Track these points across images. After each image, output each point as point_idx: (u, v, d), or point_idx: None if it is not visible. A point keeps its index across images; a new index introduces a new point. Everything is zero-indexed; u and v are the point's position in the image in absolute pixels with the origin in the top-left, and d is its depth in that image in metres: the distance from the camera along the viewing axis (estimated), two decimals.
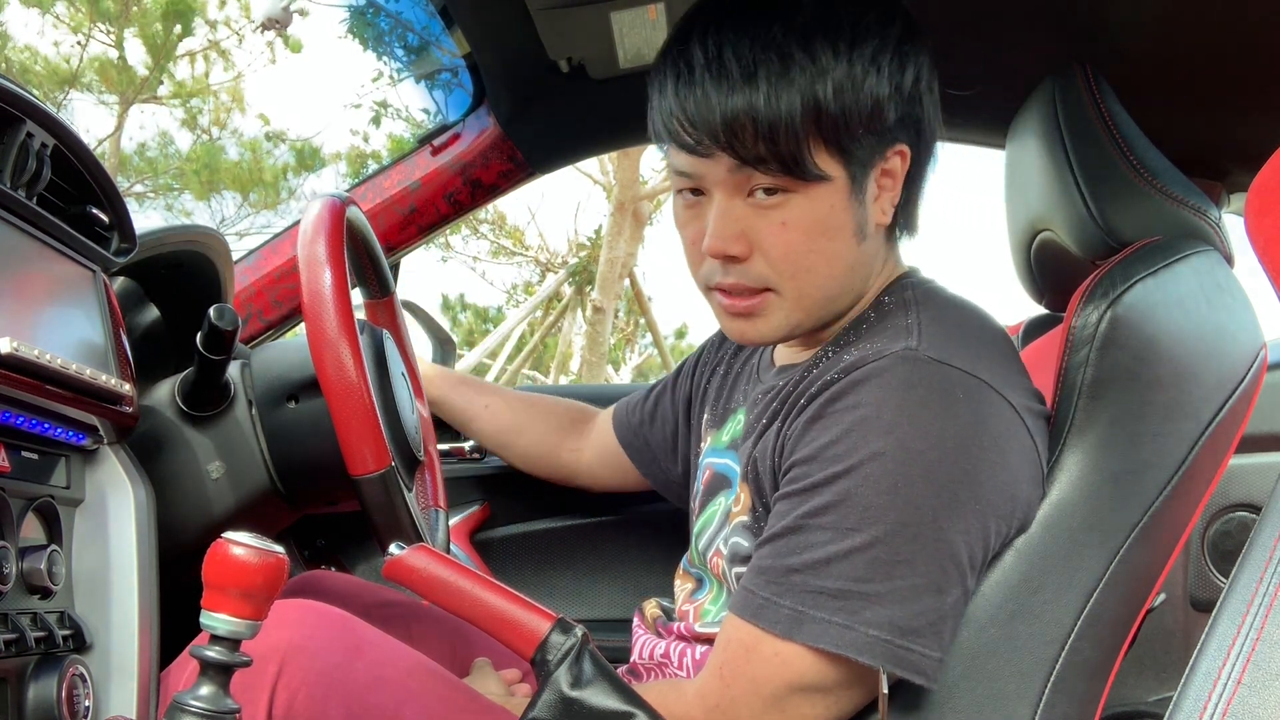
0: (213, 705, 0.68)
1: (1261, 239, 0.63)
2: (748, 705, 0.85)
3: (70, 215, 0.99)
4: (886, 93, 0.87)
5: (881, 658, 0.81)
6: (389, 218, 1.63)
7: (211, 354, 1.05)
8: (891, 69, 0.87)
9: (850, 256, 0.91)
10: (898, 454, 0.82)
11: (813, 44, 0.85)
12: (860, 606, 0.81)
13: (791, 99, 0.84)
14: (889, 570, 0.81)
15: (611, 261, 7.68)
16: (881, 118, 0.87)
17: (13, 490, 0.86)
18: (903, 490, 0.81)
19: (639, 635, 1.09)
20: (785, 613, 0.83)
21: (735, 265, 0.90)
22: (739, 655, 0.86)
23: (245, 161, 10.06)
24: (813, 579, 0.83)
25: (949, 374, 0.85)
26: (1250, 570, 0.62)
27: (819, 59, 0.84)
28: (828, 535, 0.82)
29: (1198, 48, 1.10)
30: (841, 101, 0.85)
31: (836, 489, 0.83)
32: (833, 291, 0.92)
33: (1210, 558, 1.63)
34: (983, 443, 0.84)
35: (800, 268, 0.89)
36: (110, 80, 9.52)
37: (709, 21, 0.88)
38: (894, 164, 0.91)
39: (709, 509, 1.04)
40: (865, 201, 0.90)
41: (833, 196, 0.88)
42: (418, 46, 1.77)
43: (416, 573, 0.80)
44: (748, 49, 0.85)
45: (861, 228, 0.91)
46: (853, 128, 0.86)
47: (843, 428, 0.84)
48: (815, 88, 0.84)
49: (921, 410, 0.83)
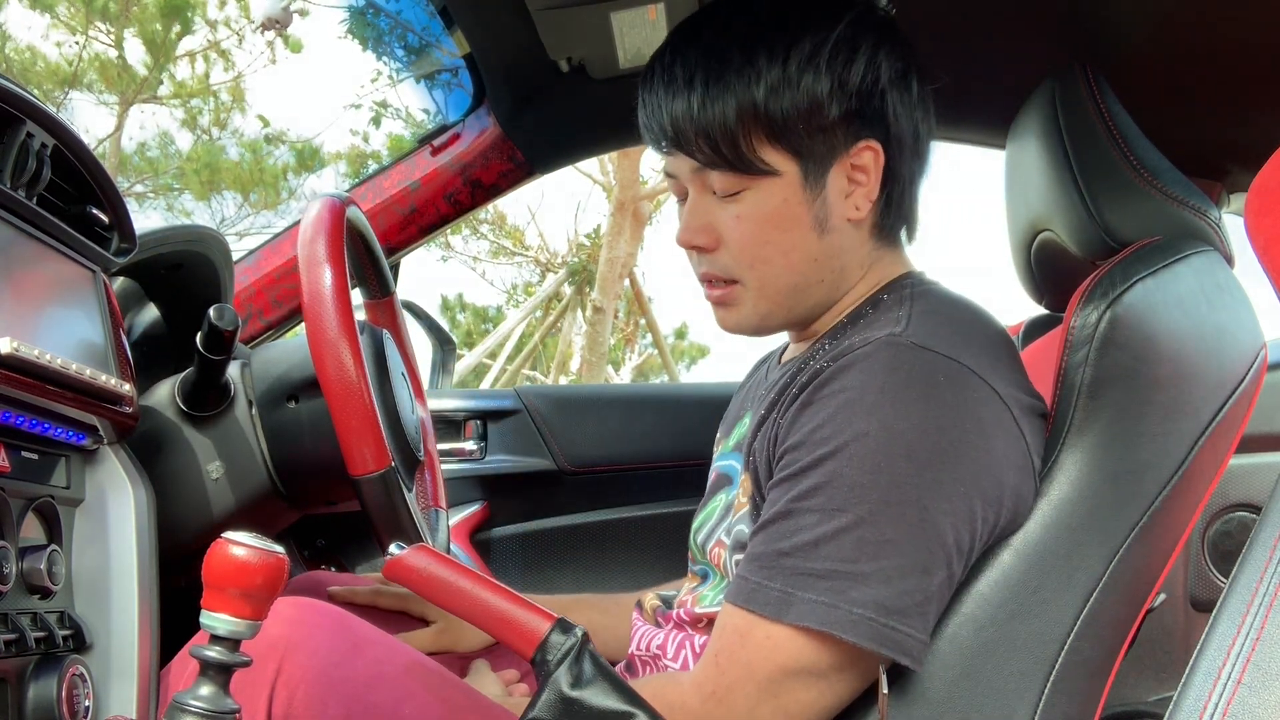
0: (213, 705, 0.68)
1: (1261, 239, 0.63)
2: (743, 691, 0.86)
3: (70, 215, 0.99)
4: (826, 90, 0.91)
5: (867, 637, 0.82)
6: (389, 218, 1.63)
7: (211, 354, 1.05)
8: (834, 66, 0.91)
9: (809, 248, 0.95)
10: (880, 434, 0.84)
11: (752, 48, 0.91)
12: (847, 586, 0.82)
13: (726, 102, 0.91)
14: (875, 550, 0.83)
15: (611, 261, 7.69)
16: (822, 114, 0.92)
17: (13, 490, 0.86)
18: (885, 470, 0.83)
19: (638, 627, 1.09)
20: (775, 595, 0.85)
21: (705, 256, 0.98)
22: (733, 641, 0.87)
23: (245, 161, 10.07)
24: (802, 561, 0.84)
25: (931, 358, 0.87)
26: (1250, 570, 0.62)
27: (756, 62, 0.91)
28: (816, 517, 0.84)
29: (1198, 48, 1.10)
30: (779, 101, 0.91)
31: (823, 470, 0.85)
32: (795, 281, 0.96)
33: (1210, 558, 1.63)
34: (965, 425, 0.85)
35: (757, 258, 0.95)
36: (110, 80, 9.52)
37: (677, 34, 0.96)
38: (864, 159, 0.94)
39: (709, 505, 1.05)
40: (826, 195, 0.94)
41: (785, 190, 0.93)
42: (417, 47, 1.78)
43: (416, 573, 0.80)
44: (694, 57, 0.92)
45: (821, 221, 0.94)
46: (793, 125, 0.91)
47: (829, 411, 0.86)
48: (750, 89, 0.90)
49: (904, 392, 0.85)
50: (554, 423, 1.82)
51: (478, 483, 1.74)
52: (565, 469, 1.80)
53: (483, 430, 1.82)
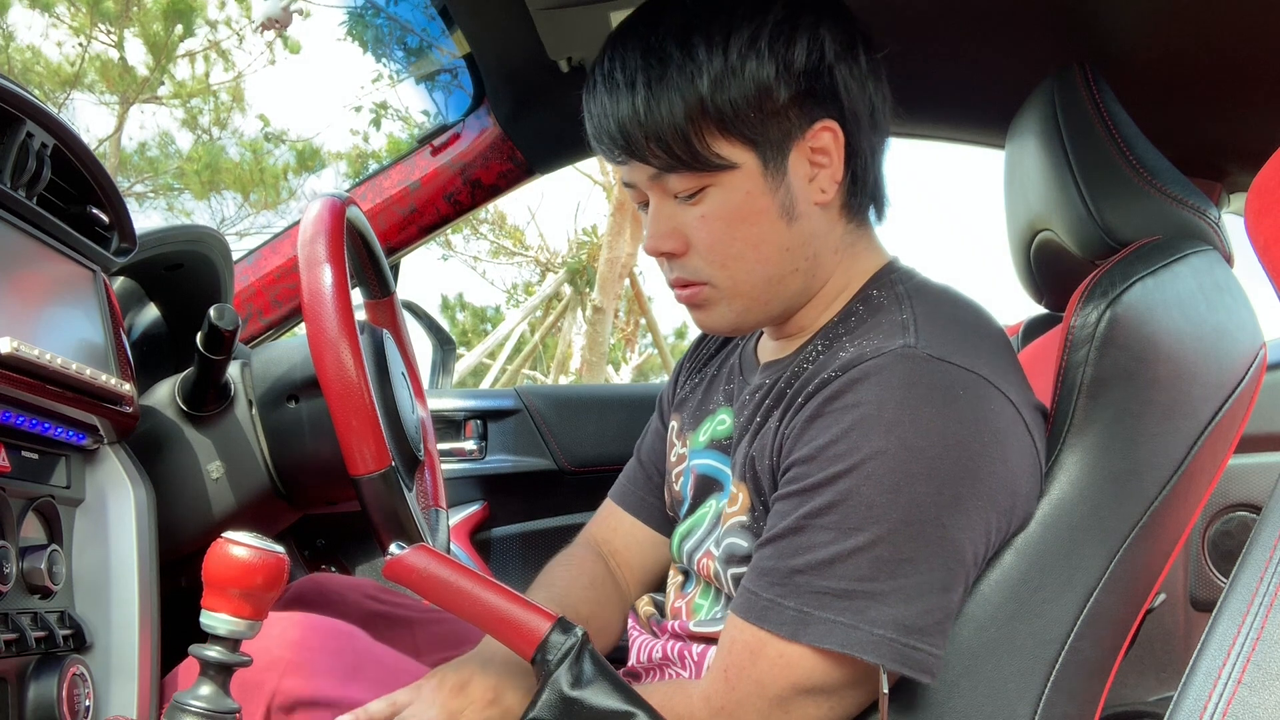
0: (213, 705, 0.68)
1: (1261, 239, 0.63)
2: (754, 707, 0.85)
3: (70, 215, 0.99)
4: (772, 73, 0.89)
5: (888, 657, 0.81)
6: (389, 218, 1.63)
7: (211, 354, 1.05)
8: (775, 49, 0.89)
9: (779, 239, 0.93)
10: (899, 452, 0.82)
11: (690, 41, 0.88)
12: (865, 606, 0.81)
13: (671, 99, 0.88)
14: (893, 569, 0.81)
15: (611, 261, 7.69)
16: (771, 99, 0.89)
17: (13, 490, 0.86)
18: (905, 488, 0.81)
19: (635, 635, 1.09)
20: (790, 614, 0.83)
21: (675, 261, 0.95)
22: (744, 658, 0.86)
23: (245, 161, 10.07)
24: (817, 579, 0.82)
25: (949, 371, 0.85)
26: (1250, 570, 0.62)
27: (696, 55, 0.88)
28: (830, 535, 0.82)
29: (1198, 48, 1.10)
30: (725, 92, 0.88)
31: (838, 488, 0.83)
32: (769, 274, 0.94)
33: (1210, 558, 1.63)
34: (984, 439, 0.84)
35: (728, 256, 0.92)
36: (111, 80, 9.52)
37: (614, 38, 0.93)
38: (823, 140, 0.92)
39: (699, 511, 1.03)
40: (788, 182, 0.92)
41: (746, 183, 0.90)
42: (417, 47, 1.78)
43: (416, 573, 0.80)
44: (635, 58, 0.90)
45: (788, 209, 0.92)
46: (743, 114, 0.88)
47: (843, 426, 0.84)
48: (695, 84, 0.88)
49: (923, 408, 0.83)
50: (554, 423, 1.82)
51: (478, 483, 1.74)
52: (565, 469, 1.80)
53: (483, 430, 1.82)
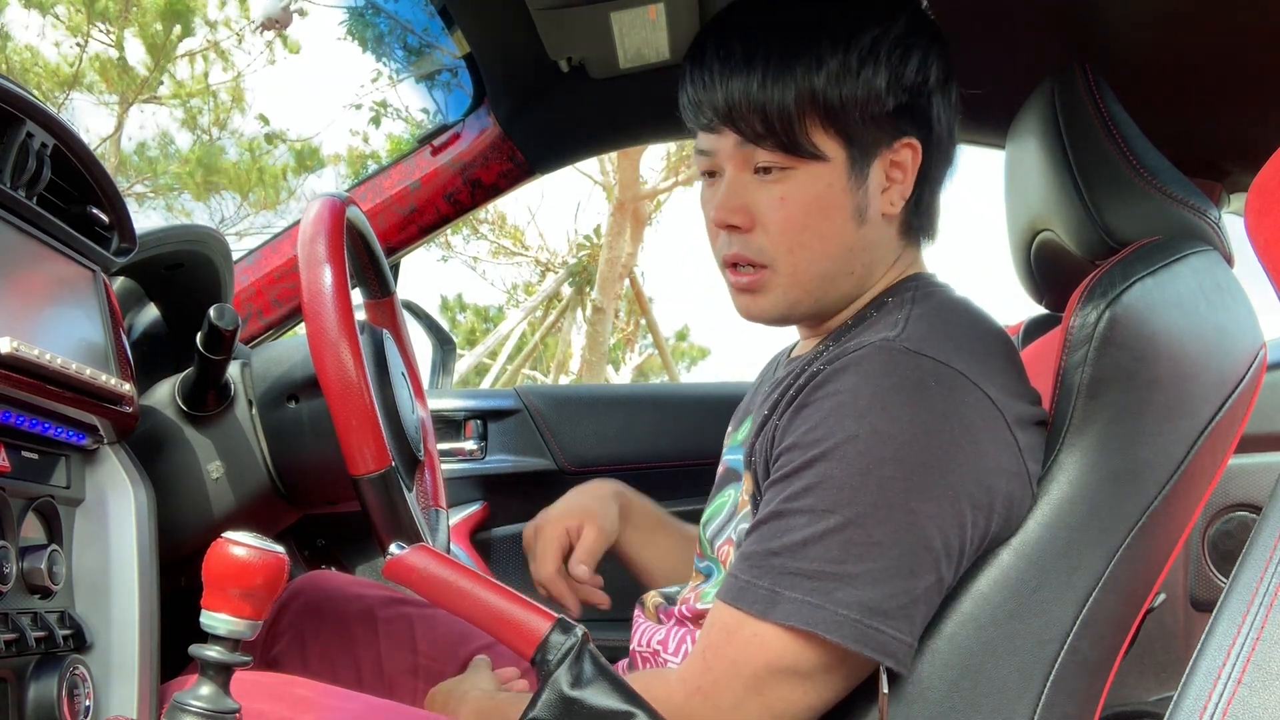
0: (213, 705, 0.68)
1: (1261, 239, 0.63)
2: (728, 688, 0.86)
3: (70, 215, 0.99)
4: (884, 83, 0.93)
5: (850, 637, 0.82)
6: (389, 218, 1.63)
7: (211, 354, 1.05)
8: (891, 60, 0.93)
9: (846, 238, 0.96)
10: (870, 437, 0.84)
11: (815, 34, 0.92)
12: (833, 587, 0.83)
13: (786, 84, 0.91)
14: (862, 552, 0.83)
15: (611, 261, 7.69)
16: (879, 104, 0.93)
17: (13, 490, 0.86)
18: (874, 472, 0.84)
19: (640, 624, 1.10)
20: (763, 593, 0.85)
21: (739, 236, 0.96)
22: (721, 638, 0.88)
23: (245, 162, 10.06)
24: (790, 561, 0.85)
25: (922, 364, 0.87)
26: (1250, 570, 0.62)
27: (819, 48, 0.92)
28: (806, 518, 0.85)
29: (1198, 48, 1.10)
30: (838, 88, 0.92)
31: (814, 472, 0.85)
32: (828, 270, 0.96)
33: (1210, 558, 1.63)
34: (954, 430, 0.86)
35: (796, 242, 0.95)
36: (110, 81, 9.52)
37: (729, 14, 0.97)
38: (904, 156, 0.96)
39: (718, 499, 1.06)
40: (867, 187, 0.95)
41: (831, 176, 0.94)
42: (417, 47, 1.78)
43: (416, 572, 0.80)
44: (754, 37, 0.93)
45: (860, 211, 0.95)
46: (849, 112, 0.92)
47: (822, 413, 0.87)
48: (811, 75, 0.91)
49: (894, 396, 0.86)
50: (554, 423, 1.83)
51: (478, 483, 1.74)
52: (565, 469, 1.80)
53: (483, 430, 1.82)
